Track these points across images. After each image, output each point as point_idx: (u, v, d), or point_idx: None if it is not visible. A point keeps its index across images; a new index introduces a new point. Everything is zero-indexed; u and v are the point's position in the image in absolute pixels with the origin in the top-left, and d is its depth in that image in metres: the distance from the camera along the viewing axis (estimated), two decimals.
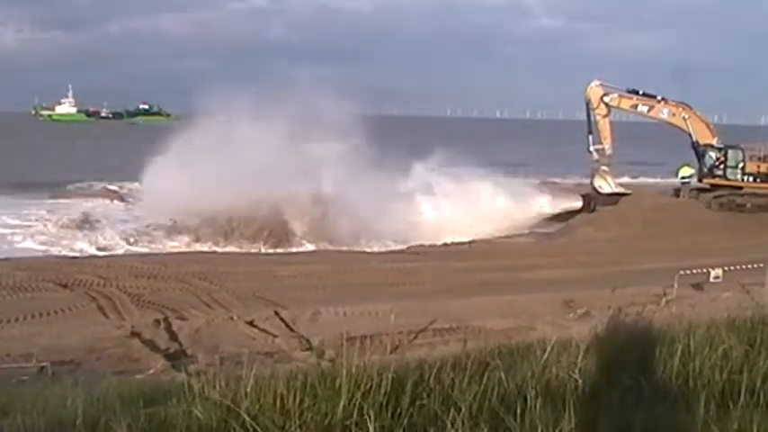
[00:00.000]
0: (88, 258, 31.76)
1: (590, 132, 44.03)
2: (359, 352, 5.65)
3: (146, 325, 19.38)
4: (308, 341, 17.88)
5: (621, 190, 43.91)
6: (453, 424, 5.00)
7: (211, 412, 5.19)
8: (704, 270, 23.57)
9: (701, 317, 8.94)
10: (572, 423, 5.03)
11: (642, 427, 5.30)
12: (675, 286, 21.67)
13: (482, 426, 5.04)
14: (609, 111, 44.19)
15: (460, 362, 6.17)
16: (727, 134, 48.97)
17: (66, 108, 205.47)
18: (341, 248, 36.12)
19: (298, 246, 36.63)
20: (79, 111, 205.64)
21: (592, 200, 43.58)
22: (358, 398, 5.18)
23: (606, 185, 43.34)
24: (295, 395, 5.17)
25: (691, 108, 44.31)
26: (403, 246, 37.24)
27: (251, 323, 19.53)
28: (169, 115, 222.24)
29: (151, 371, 14.81)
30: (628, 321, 9.08)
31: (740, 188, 43.84)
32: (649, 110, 44.39)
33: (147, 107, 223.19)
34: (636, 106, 44.55)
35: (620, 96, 44.44)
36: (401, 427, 5.06)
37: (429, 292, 24.98)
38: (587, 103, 44.10)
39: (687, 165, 45.39)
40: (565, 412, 5.16)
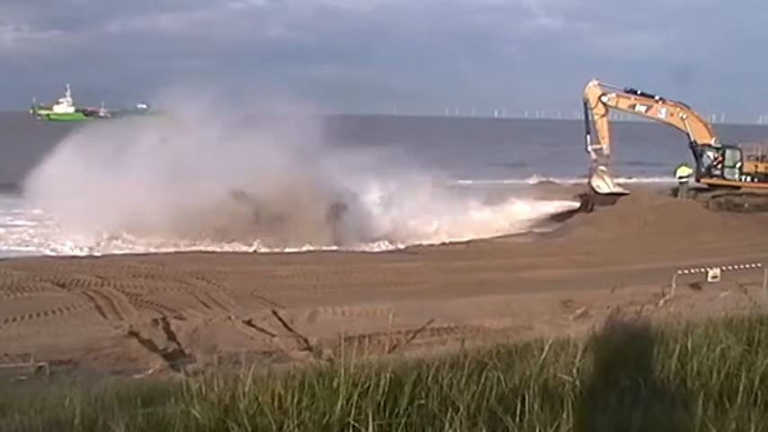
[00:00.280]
0: (86, 258, 31.74)
1: (588, 132, 44.06)
2: (357, 351, 5.66)
3: (144, 325, 19.35)
4: (306, 341, 17.87)
5: (619, 190, 43.90)
6: (451, 424, 5.00)
7: (209, 412, 5.19)
8: (702, 270, 23.56)
9: (699, 316, 8.95)
10: (570, 423, 5.04)
11: (640, 427, 5.30)
12: (673, 286, 21.66)
13: (480, 425, 5.04)
14: (607, 110, 44.20)
15: (458, 361, 6.17)
16: (725, 134, 49.00)
17: (64, 108, 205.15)
18: (339, 248, 36.15)
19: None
20: (77, 110, 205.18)
21: (590, 200, 43.58)
22: (356, 397, 5.18)
23: (604, 185, 43.33)
24: (293, 395, 5.18)
25: (689, 108, 44.34)
26: (401, 245, 37.31)
27: (249, 323, 19.51)
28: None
29: (149, 371, 14.81)
30: (626, 321, 9.08)
31: (738, 188, 43.88)
32: (647, 110, 44.40)
33: (146, 107, 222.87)
34: (634, 106, 44.56)
35: (617, 96, 44.46)
36: (399, 427, 5.06)
37: (427, 292, 24.98)
38: (585, 103, 44.12)
39: (685, 164, 45.42)
40: (563, 412, 5.16)
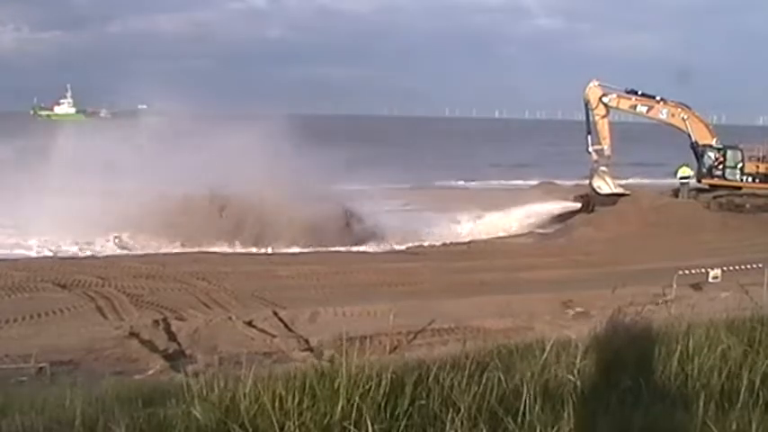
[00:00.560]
0: (87, 259, 31.75)
1: (589, 133, 44.04)
2: (358, 352, 5.65)
3: (144, 325, 19.37)
4: (307, 341, 17.88)
5: (620, 190, 43.84)
6: (452, 424, 5.00)
7: (210, 413, 5.19)
8: (703, 270, 23.53)
9: (700, 317, 8.93)
10: (571, 423, 5.03)
11: (641, 428, 5.30)
12: (674, 286, 21.64)
13: (481, 426, 5.04)
14: (608, 111, 44.18)
15: (459, 362, 6.16)
16: (726, 134, 49.00)
17: (64, 108, 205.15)
18: (339, 249, 36.14)
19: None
20: (78, 111, 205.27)
21: (591, 200, 43.53)
22: (357, 398, 5.17)
23: (605, 186, 43.29)
24: (294, 395, 5.17)
25: (690, 108, 44.32)
26: (402, 246, 37.30)
27: (250, 323, 19.52)
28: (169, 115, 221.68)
29: (150, 371, 14.82)
30: (626, 321, 9.07)
31: (739, 188, 43.85)
32: (648, 110, 44.39)
33: (146, 107, 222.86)
34: (635, 107, 44.56)
35: (618, 97, 44.45)
36: (400, 428, 5.05)
37: (428, 293, 25.00)
38: (586, 104, 44.10)
39: (686, 165, 45.39)
40: (564, 412, 5.16)
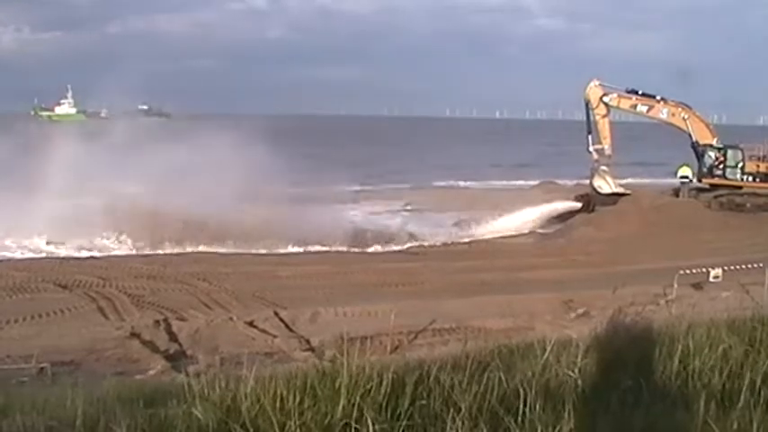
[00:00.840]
0: (88, 259, 31.77)
1: (589, 132, 44.01)
2: (359, 352, 5.65)
3: (145, 326, 19.40)
4: (308, 341, 17.89)
5: (621, 190, 43.78)
6: (453, 424, 5.00)
7: (211, 413, 5.19)
8: (704, 270, 23.52)
9: (701, 317, 8.93)
10: (571, 423, 5.03)
11: (642, 428, 5.30)
12: (675, 286, 21.64)
13: (482, 426, 5.04)
14: (608, 111, 44.17)
15: (460, 362, 6.17)
16: (726, 134, 48.97)
17: (65, 109, 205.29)
18: (340, 249, 36.15)
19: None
20: (78, 111, 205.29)
21: (591, 200, 43.52)
22: (358, 398, 5.17)
23: (606, 185, 43.25)
24: (295, 395, 5.17)
25: (690, 108, 44.32)
26: (403, 246, 37.33)
27: (251, 324, 19.54)
28: (169, 115, 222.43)
29: (151, 372, 14.83)
30: (627, 321, 9.07)
31: (740, 188, 43.85)
32: (649, 110, 44.39)
33: (147, 108, 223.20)
34: (635, 106, 44.55)
35: (619, 96, 44.44)
36: (401, 428, 5.05)
37: (429, 293, 25.01)
38: (587, 104, 44.08)
39: (686, 164, 45.41)
40: (564, 412, 5.16)
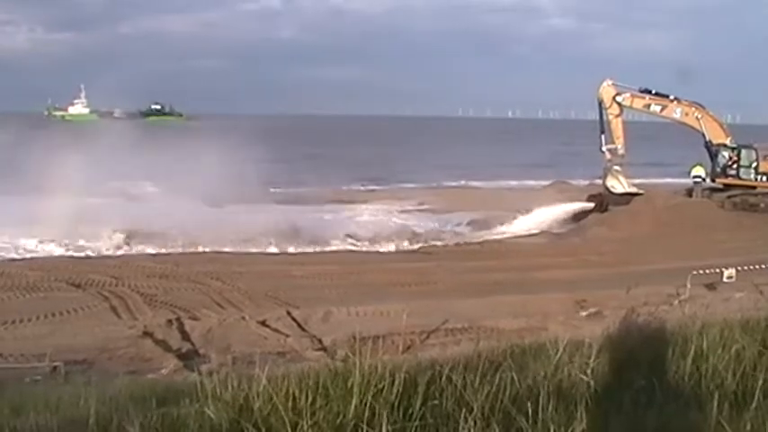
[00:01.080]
0: (100, 258, 31.86)
1: (602, 132, 43.88)
2: (371, 352, 5.64)
3: (158, 325, 19.45)
4: (320, 341, 17.91)
5: (634, 190, 43.63)
6: (465, 424, 4.99)
7: (223, 412, 5.19)
8: (717, 270, 23.48)
9: (715, 317, 8.91)
10: (584, 423, 5.02)
11: (655, 428, 5.29)
12: (688, 286, 21.60)
13: (494, 426, 5.03)
14: (621, 110, 44.00)
15: (472, 362, 6.15)
16: (740, 134, 48.80)
17: (78, 109, 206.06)
18: (352, 248, 36.20)
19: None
20: (92, 111, 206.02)
21: (604, 200, 43.42)
22: (370, 398, 5.17)
23: (619, 185, 43.12)
24: (307, 395, 5.17)
25: (704, 108, 44.15)
26: (415, 246, 37.36)
27: (263, 323, 19.57)
28: (181, 115, 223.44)
29: (163, 371, 14.86)
30: (640, 321, 9.05)
31: (753, 188, 43.64)
32: (662, 109, 44.24)
33: (160, 107, 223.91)
34: (648, 106, 44.40)
35: (632, 96, 44.30)
36: (413, 428, 5.04)
37: (441, 292, 24.99)
38: (600, 103, 43.95)
39: (700, 164, 45.23)
40: (577, 413, 5.15)
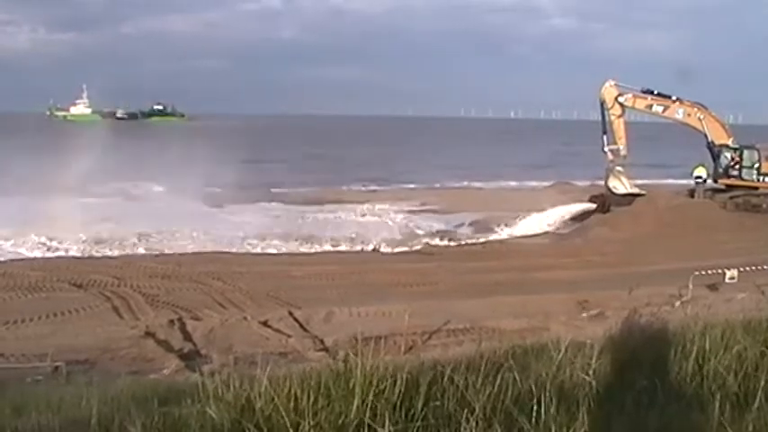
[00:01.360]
0: (102, 258, 31.89)
1: (605, 133, 43.84)
2: (373, 352, 5.64)
3: (160, 325, 19.46)
4: (322, 341, 17.91)
5: (636, 190, 43.62)
6: (467, 424, 4.99)
7: (225, 412, 5.19)
8: (719, 271, 23.46)
9: (717, 318, 8.89)
10: (586, 424, 5.02)
11: (656, 429, 5.28)
12: (690, 287, 21.58)
13: (496, 426, 5.03)
14: (623, 111, 43.93)
15: (474, 362, 6.15)
16: (742, 134, 48.79)
17: (80, 109, 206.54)
18: (354, 248, 36.25)
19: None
20: (94, 111, 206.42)
21: (606, 200, 43.40)
22: (372, 398, 5.17)
23: (621, 186, 43.11)
24: (309, 395, 5.16)
25: (706, 108, 44.09)
26: (416, 246, 37.40)
27: (265, 323, 19.58)
28: (183, 115, 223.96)
29: (165, 371, 14.86)
30: (642, 322, 9.04)
31: (756, 188, 43.56)
32: (664, 110, 44.18)
33: (162, 107, 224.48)
34: (651, 106, 44.34)
35: (634, 96, 44.25)
36: (415, 428, 5.04)
37: (443, 293, 24.99)
38: (602, 104, 43.90)
39: (702, 165, 45.16)
40: (579, 413, 5.14)
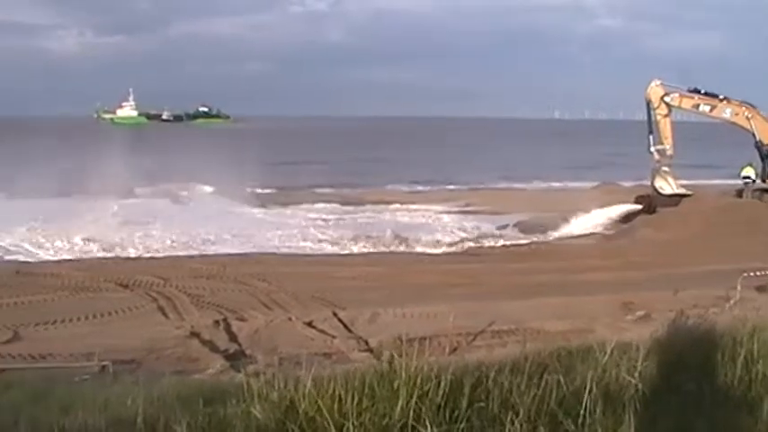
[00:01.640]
0: (148, 259, 32.16)
1: (651, 133, 43.46)
2: (417, 353, 5.63)
3: (205, 325, 19.56)
4: (367, 342, 17.88)
5: (683, 191, 43.21)
6: (512, 427, 4.97)
7: (270, 412, 5.22)
8: None
9: (765, 320, 8.78)
10: (632, 427, 4.98)
11: None
12: (738, 288, 21.31)
13: (540, 429, 5.01)
14: (670, 111, 43.48)
15: (519, 364, 6.13)
16: None
17: (127, 111, 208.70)
18: (399, 249, 36.27)
19: None
20: (140, 114, 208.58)
21: (653, 201, 43.03)
22: (416, 399, 5.16)
23: (667, 186, 42.71)
24: (353, 396, 5.17)
25: (754, 107, 43.46)
26: (462, 247, 37.36)
27: (309, 324, 19.60)
28: (228, 117, 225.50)
29: (210, 371, 14.93)
30: (689, 324, 8.96)
31: None
32: (711, 109, 43.63)
33: (207, 110, 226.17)
34: (697, 106, 43.82)
35: (680, 96, 43.75)
36: (459, 429, 5.03)
37: (487, 294, 24.88)
38: (648, 104, 43.51)
39: (750, 165, 44.60)
40: (625, 416, 5.11)
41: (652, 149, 43.26)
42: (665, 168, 43.11)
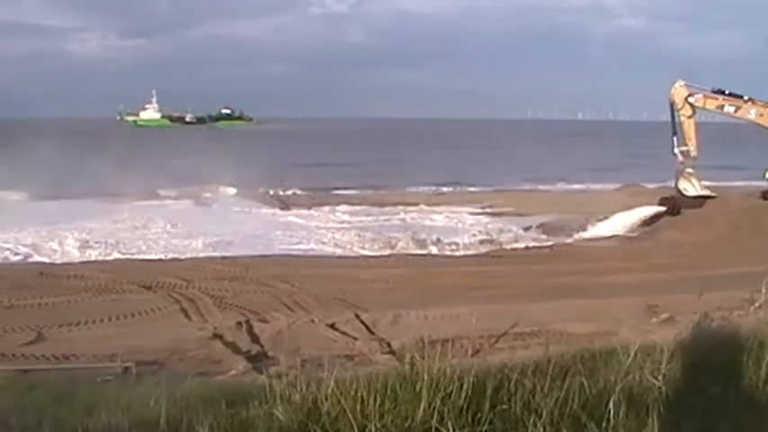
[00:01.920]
0: (171, 261, 32.28)
1: (675, 134, 43.25)
2: (440, 355, 5.62)
3: (228, 327, 19.60)
4: (389, 344, 17.85)
5: (707, 192, 43.00)
6: (534, 429, 4.96)
7: (292, 414, 5.22)
8: None
9: None
10: (655, 430, 4.95)
11: None
12: (764, 291, 21.11)
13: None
14: (694, 112, 43.25)
15: (541, 366, 6.10)
16: None
17: (150, 114, 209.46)
18: (421, 251, 36.23)
19: None
20: (163, 116, 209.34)
21: (677, 203, 42.83)
22: (438, 402, 5.15)
23: (691, 188, 42.52)
24: (375, 398, 5.17)
25: None
26: (484, 249, 37.28)
27: (332, 326, 19.61)
28: (251, 119, 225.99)
29: (233, 372, 14.96)
30: (713, 326, 8.89)
31: None
32: (736, 110, 43.34)
33: (230, 111, 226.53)
34: (722, 107, 43.54)
35: (705, 97, 43.49)
36: None
37: (510, 296, 24.82)
38: (672, 104, 43.31)
39: None
40: (648, 419, 5.08)
41: (676, 151, 43.05)
42: (689, 170, 42.90)
